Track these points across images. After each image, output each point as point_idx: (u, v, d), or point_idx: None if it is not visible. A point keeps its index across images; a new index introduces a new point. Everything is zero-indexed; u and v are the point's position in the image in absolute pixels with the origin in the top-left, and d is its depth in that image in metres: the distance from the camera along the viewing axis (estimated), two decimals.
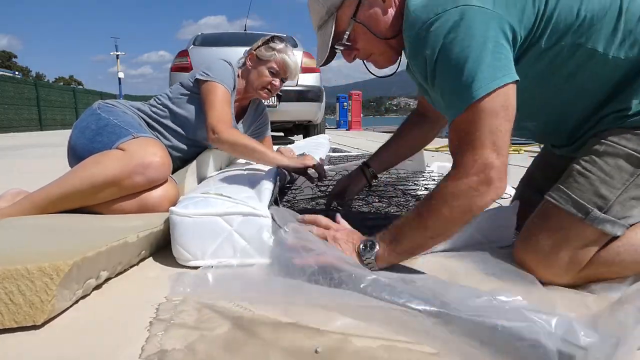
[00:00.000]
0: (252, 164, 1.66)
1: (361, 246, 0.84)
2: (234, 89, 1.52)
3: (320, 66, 1.00)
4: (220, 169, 1.72)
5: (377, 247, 0.83)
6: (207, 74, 1.44)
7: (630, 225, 0.79)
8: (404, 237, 0.82)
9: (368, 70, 0.99)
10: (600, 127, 0.84)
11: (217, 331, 0.67)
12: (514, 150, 4.17)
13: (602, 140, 0.81)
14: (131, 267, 0.96)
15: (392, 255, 0.83)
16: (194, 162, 1.49)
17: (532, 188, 1.12)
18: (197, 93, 1.46)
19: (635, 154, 0.78)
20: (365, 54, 0.94)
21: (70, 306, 0.76)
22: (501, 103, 0.74)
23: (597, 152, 0.81)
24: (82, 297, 0.80)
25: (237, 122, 1.65)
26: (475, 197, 0.75)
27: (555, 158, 1.04)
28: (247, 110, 1.72)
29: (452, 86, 0.77)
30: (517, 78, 0.76)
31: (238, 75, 1.58)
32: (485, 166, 0.73)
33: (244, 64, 1.62)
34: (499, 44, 0.75)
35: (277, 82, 1.59)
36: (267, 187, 1.07)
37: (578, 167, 0.82)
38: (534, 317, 0.54)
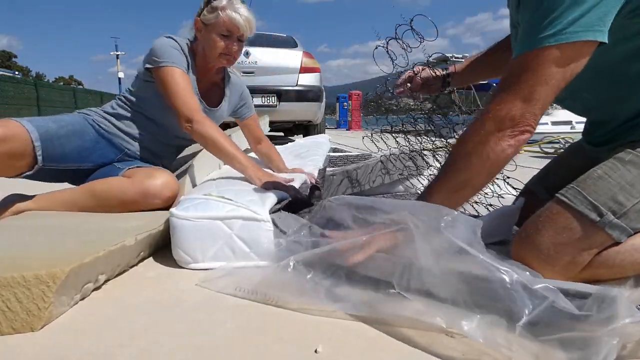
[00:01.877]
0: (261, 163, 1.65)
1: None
2: (189, 65, 1.38)
3: None
4: (220, 167, 1.72)
5: None
6: (155, 60, 1.31)
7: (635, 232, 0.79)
8: (430, 195, 0.82)
9: None
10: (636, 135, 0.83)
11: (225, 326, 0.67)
12: None
13: (629, 150, 0.81)
14: (131, 267, 0.96)
15: None
16: (194, 161, 1.49)
17: (542, 184, 1.11)
18: (150, 80, 1.36)
19: None
20: None
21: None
22: (569, 58, 0.69)
23: (621, 160, 0.80)
24: (82, 298, 0.80)
25: (217, 106, 1.52)
26: (491, 144, 0.75)
27: (576, 160, 1.02)
28: (222, 89, 1.55)
29: (534, 18, 0.71)
30: (605, 40, 0.68)
31: (192, 49, 1.42)
32: (506, 116, 0.73)
33: (195, 36, 1.43)
34: None
35: (233, 44, 1.39)
36: (271, 194, 1.07)
37: (599, 171, 0.80)
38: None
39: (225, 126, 4.05)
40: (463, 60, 1.17)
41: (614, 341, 0.53)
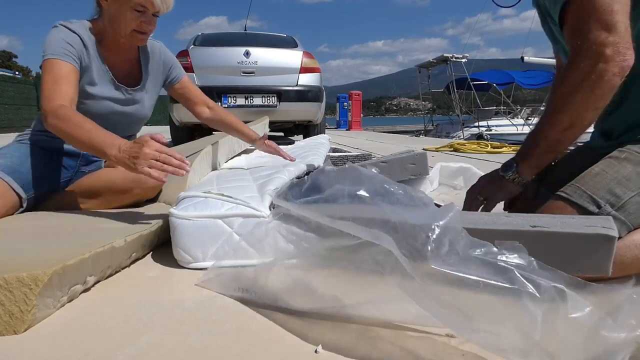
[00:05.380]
0: (261, 158, 1.64)
1: (500, 171, 0.95)
2: (87, 51, 1.23)
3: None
4: (220, 165, 1.72)
5: (514, 162, 0.93)
6: (43, 54, 1.18)
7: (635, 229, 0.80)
8: (536, 140, 0.88)
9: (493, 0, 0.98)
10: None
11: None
12: (513, 150, 4.16)
13: (622, 149, 0.84)
14: (123, 268, 0.95)
15: (533, 163, 0.91)
16: (199, 155, 1.49)
17: (543, 183, 1.12)
18: None
19: None
20: None
21: (66, 306, 0.75)
22: None
23: (617, 158, 0.83)
24: (84, 293, 0.80)
25: (141, 84, 1.38)
26: (596, 76, 0.76)
27: (582, 160, 1.03)
28: (139, 66, 1.39)
29: None
30: None
31: (95, 29, 1.26)
32: (598, 45, 0.75)
33: (99, 9, 1.26)
34: None
35: (149, 21, 1.23)
36: (271, 188, 1.07)
37: (596, 169, 0.83)
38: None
39: None
40: (463, 60, 1.16)
41: (631, 348, 0.52)
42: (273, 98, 4.25)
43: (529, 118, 13.71)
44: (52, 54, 1.16)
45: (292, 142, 3.16)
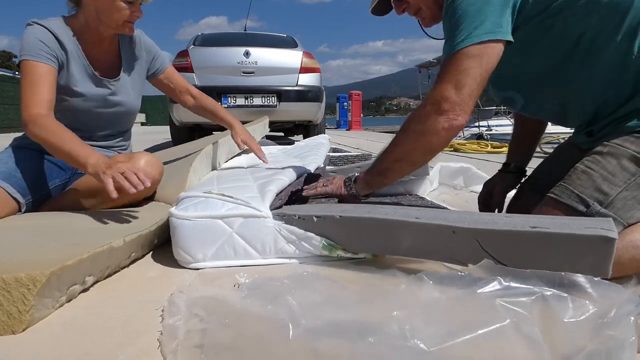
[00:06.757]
0: (258, 160, 1.64)
1: (345, 179, 1.09)
2: (65, 50, 1.22)
3: (372, 12, 1.11)
4: (220, 165, 1.72)
5: (357, 175, 1.07)
6: (19, 54, 1.18)
7: (629, 225, 0.81)
8: (377, 162, 1.01)
9: (423, 31, 1.06)
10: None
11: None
12: None
13: (606, 143, 0.84)
14: (131, 264, 0.95)
15: (367, 178, 1.04)
16: (199, 155, 1.49)
17: (533, 187, 1.12)
18: None
19: (638, 155, 0.80)
20: (414, 8, 1.01)
21: (65, 306, 0.75)
22: (478, 53, 0.82)
23: (600, 153, 0.83)
24: (83, 293, 0.80)
25: (121, 73, 1.36)
26: (428, 123, 0.86)
27: (569, 159, 1.03)
28: (119, 54, 1.37)
29: (450, 32, 0.87)
30: (503, 38, 0.83)
31: (72, 25, 1.25)
32: (441, 98, 0.84)
33: (75, 5, 1.27)
34: (505, 5, 0.84)
35: (137, 9, 1.25)
36: (271, 189, 1.07)
37: (581, 166, 0.84)
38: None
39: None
40: None
41: (631, 339, 0.52)
42: (273, 98, 4.25)
43: None
44: (27, 54, 1.15)
45: (292, 142, 3.16)
